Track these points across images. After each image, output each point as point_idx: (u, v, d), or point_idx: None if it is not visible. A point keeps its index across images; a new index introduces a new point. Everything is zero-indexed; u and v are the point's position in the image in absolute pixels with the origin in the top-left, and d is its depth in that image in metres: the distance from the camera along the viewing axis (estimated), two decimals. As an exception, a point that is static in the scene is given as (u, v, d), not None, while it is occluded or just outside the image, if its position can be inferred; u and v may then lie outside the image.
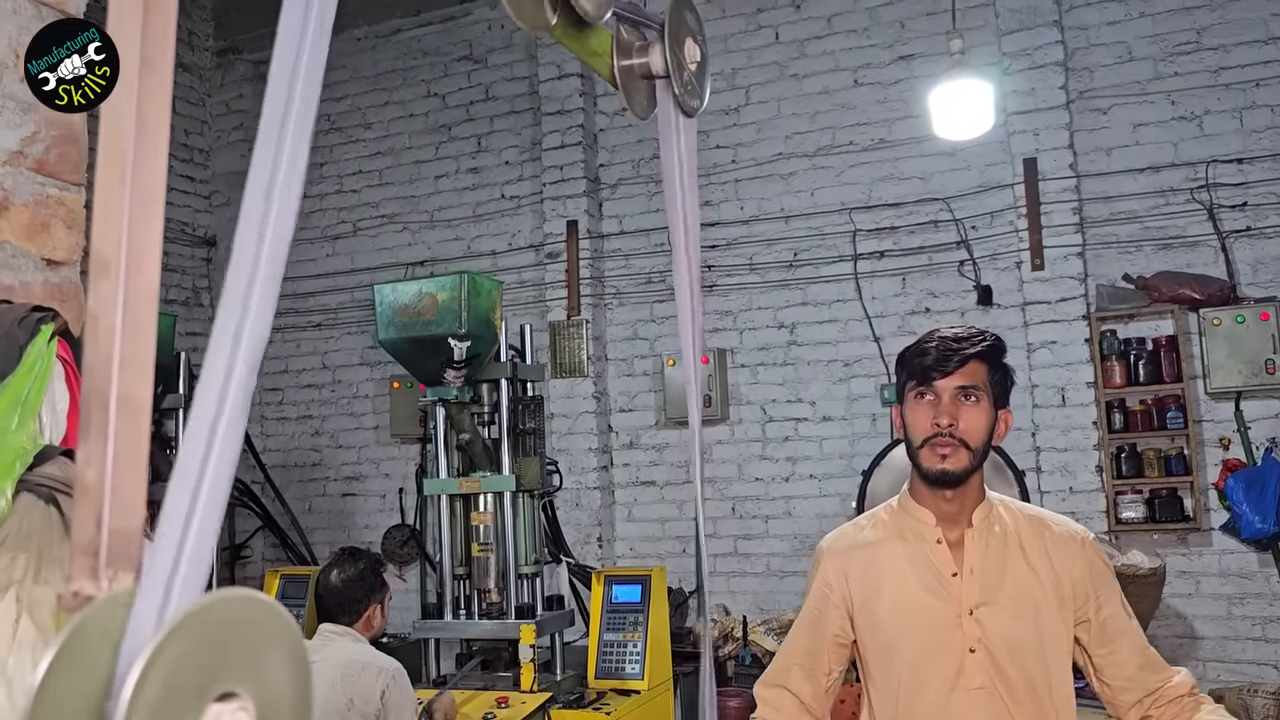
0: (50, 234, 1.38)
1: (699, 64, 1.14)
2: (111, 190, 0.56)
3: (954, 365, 1.89)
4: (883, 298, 5.62)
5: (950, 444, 1.88)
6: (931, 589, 1.94)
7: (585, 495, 5.99)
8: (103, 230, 0.56)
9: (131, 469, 0.55)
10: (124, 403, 0.55)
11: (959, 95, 4.54)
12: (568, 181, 6.23)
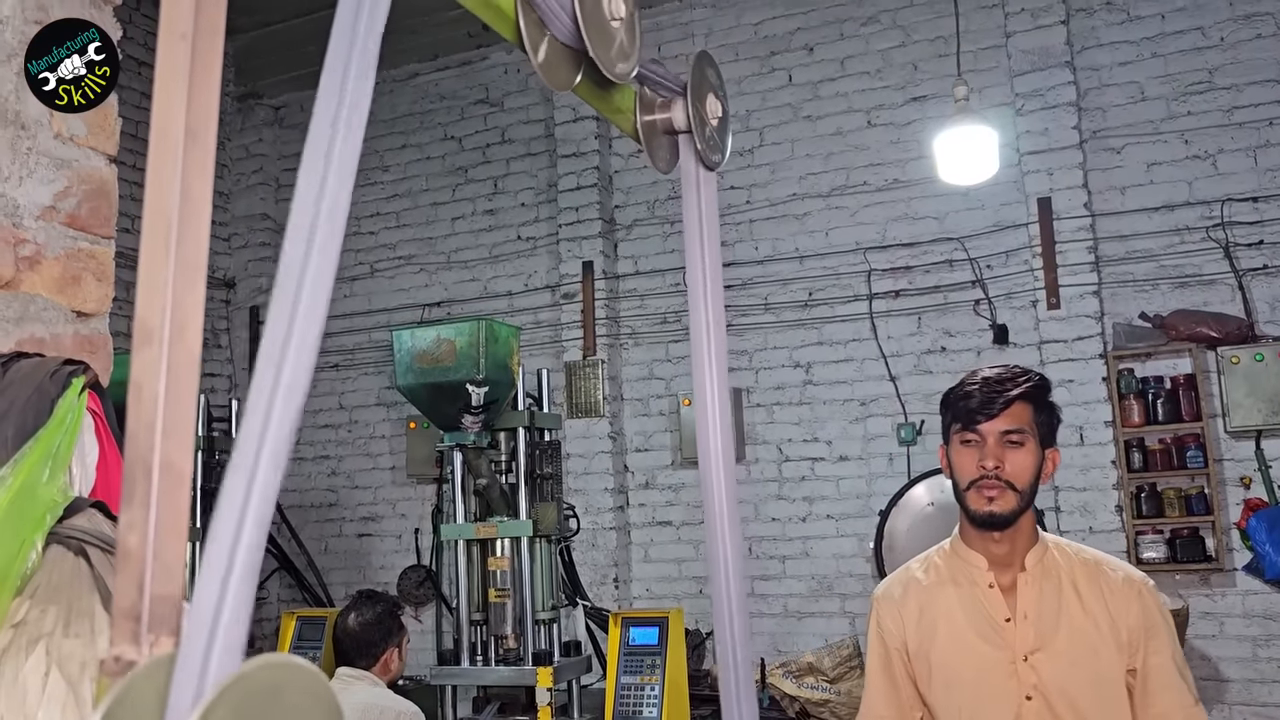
0: (81, 286, 1.40)
1: (720, 119, 1.16)
2: (156, 259, 0.57)
3: (998, 409, 1.88)
4: (898, 337, 5.61)
5: (997, 486, 1.87)
6: (985, 635, 1.92)
7: (601, 536, 5.97)
8: (147, 299, 0.57)
9: (173, 535, 0.56)
10: (166, 470, 0.55)
11: (964, 140, 4.57)
12: (583, 223, 6.28)
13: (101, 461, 1.22)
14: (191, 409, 0.57)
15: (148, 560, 0.54)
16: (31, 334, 1.32)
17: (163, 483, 0.55)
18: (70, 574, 1.09)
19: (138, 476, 0.55)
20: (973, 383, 1.94)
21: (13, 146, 1.32)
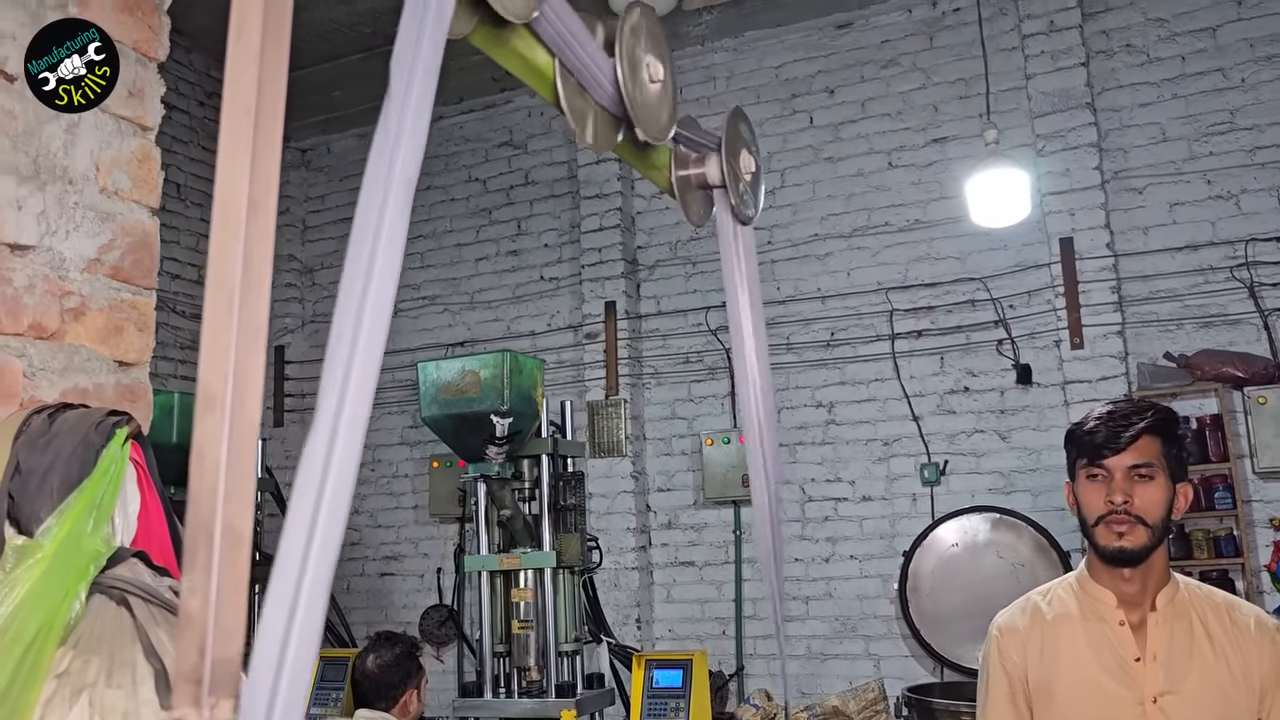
0: (123, 337, 1.43)
1: (753, 174, 1.18)
2: (219, 327, 0.59)
3: (1125, 442, 1.85)
4: (921, 377, 5.60)
5: (1126, 521, 1.84)
6: (1112, 673, 1.88)
7: (624, 575, 5.95)
8: (210, 365, 0.59)
9: (233, 598, 0.57)
10: (227, 534, 0.57)
11: (995, 183, 4.58)
12: (606, 263, 6.32)
13: (143, 511, 1.24)
14: (252, 473, 0.59)
15: (209, 624, 0.56)
16: (76, 384, 1.35)
17: (224, 547, 0.57)
18: (113, 624, 1.11)
19: (200, 541, 0.57)
20: (1097, 416, 1.91)
21: (60, 201, 1.35)
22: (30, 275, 1.30)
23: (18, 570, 1.09)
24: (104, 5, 1.44)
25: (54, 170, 1.34)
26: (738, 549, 5.87)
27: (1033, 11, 5.47)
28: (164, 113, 1.55)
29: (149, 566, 1.20)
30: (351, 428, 0.60)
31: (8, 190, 1.28)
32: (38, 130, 1.33)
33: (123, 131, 1.46)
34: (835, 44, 6.05)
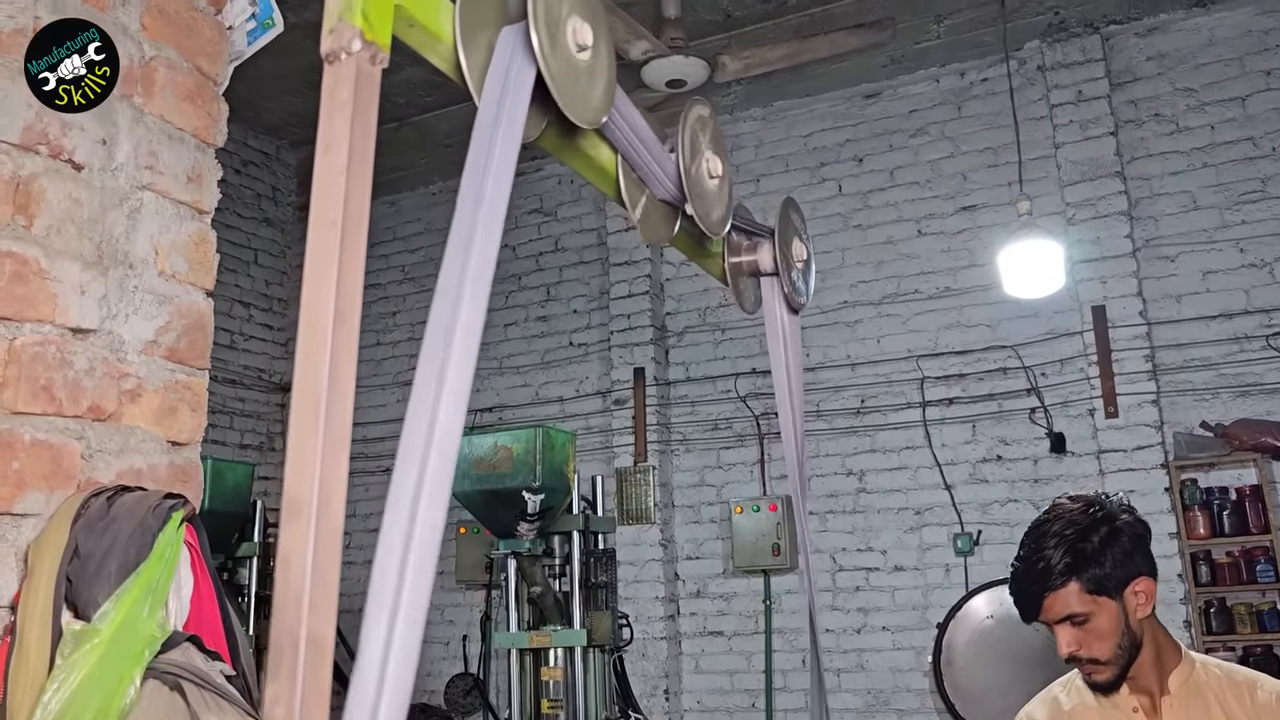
0: (176, 417, 1.45)
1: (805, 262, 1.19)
2: (305, 436, 0.60)
3: (1036, 613, 1.80)
4: (953, 445, 5.56)
5: (1087, 666, 1.81)
6: None
7: (652, 645, 5.88)
8: (296, 474, 0.60)
9: (317, 708, 0.57)
10: (311, 644, 0.57)
11: (1028, 254, 4.59)
12: (635, 329, 6.34)
13: (195, 594, 1.24)
14: (335, 582, 0.60)
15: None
16: (131, 465, 1.37)
17: (308, 656, 0.57)
18: (165, 710, 1.11)
19: (284, 649, 0.57)
20: (1011, 574, 1.85)
21: (121, 285, 1.38)
22: (90, 358, 1.33)
23: (75, 655, 1.09)
24: (166, 95, 1.49)
25: (116, 255, 1.38)
26: (768, 619, 5.79)
27: (1060, 82, 5.53)
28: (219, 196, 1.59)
29: (201, 650, 1.20)
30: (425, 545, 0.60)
31: (72, 276, 1.31)
32: (102, 217, 1.36)
33: (181, 216, 1.49)
34: (863, 113, 6.12)
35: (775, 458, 5.97)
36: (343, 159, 0.63)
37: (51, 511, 1.24)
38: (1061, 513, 1.87)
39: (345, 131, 0.63)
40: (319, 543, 0.58)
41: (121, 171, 1.40)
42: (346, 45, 0.64)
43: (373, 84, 0.65)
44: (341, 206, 0.63)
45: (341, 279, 0.62)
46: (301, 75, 5.86)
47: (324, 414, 0.60)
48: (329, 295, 0.62)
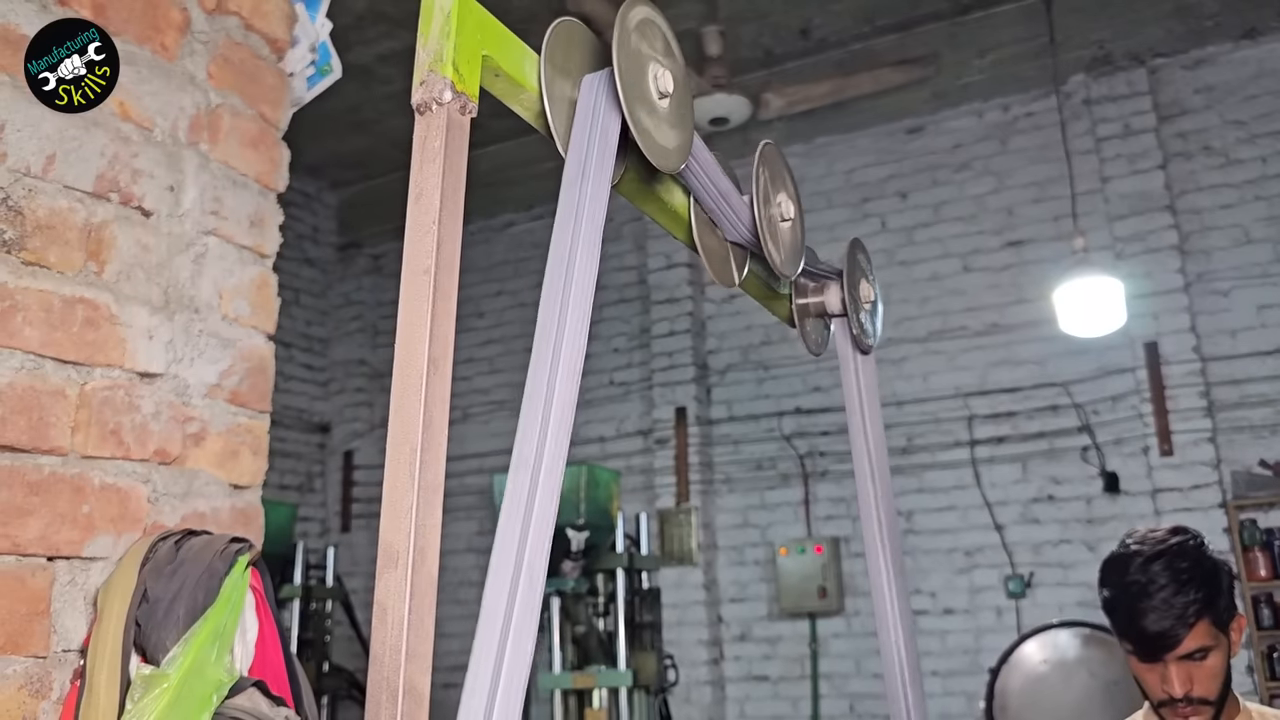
0: (238, 461, 1.45)
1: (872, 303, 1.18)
2: (400, 485, 0.60)
3: (1173, 644, 1.70)
4: (1003, 485, 5.47)
5: (1189, 707, 1.72)
6: None
7: (696, 690, 5.80)
8: (392, 523, 0.59)
9: (413, 762, 0.56)
10: (409, 694, 0.56)
11: (1085, 292, 4.52)
12: (676, 368, 6.33)
13: (260, 639, 1.24)
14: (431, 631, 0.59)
15: (390, 790, 0.55)
16: (195, 509, 1.37)
17: (406, 706, 0.56)
18: (233, 757, 1.10)
19: (382, 700, 0.56)
20: (1138, 610, 1.73)
21: (187, 330, 1.39)
22: (157, 402, 1.34)
23: (145, 700, 1.09)
24: (231, 141, 1.51)
25: (182, 300, 1.39)
26: (814, 664, 5.70)
27: (1107, 115, 5.49)
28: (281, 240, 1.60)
29: (266, 696, 1.20)
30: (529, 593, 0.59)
31: (141, 320, 1.32)
32: (169, 262, 1.38)
33: (244, 260, 1.51)
34: (906, 148, 6.11)
35: (820, 498, 5.90)
36: (435, 208, 0.63)
37: (119, 555, 1.25)
38: (1172, 544, 1.77)
39: (437, 180, 0.63)
40: (415, 592, 0.57)
41: (188, 217, 1.42)
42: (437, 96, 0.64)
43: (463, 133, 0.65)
44: (434, 255, 0.62)
45: (434, 326, 0.62)
46: (342, 117, 5.96)
47: (419, 462, 0.59)
48: (423, 343, 0.62)
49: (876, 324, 1.18)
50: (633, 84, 0.72)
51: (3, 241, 1.17)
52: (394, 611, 0.56)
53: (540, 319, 0.65)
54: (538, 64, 0.72)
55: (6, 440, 1.15)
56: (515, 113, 0.74)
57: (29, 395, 1.18)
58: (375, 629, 0.56)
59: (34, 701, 1.15)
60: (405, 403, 0.60)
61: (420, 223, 0.63)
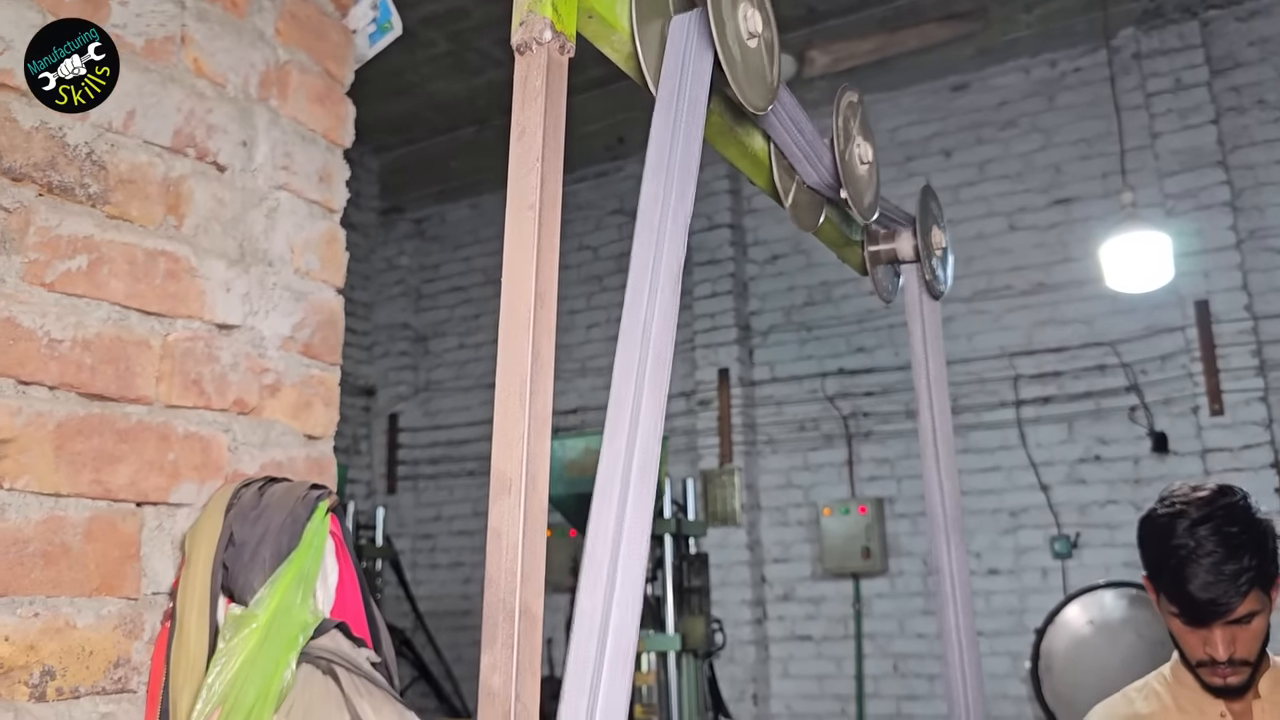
0: (311, 412, 1.48)
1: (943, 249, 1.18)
2: (511, 415, 0.61)
3: (1224, 612, 1.69)
4: (1048, 445, 5.43)
5: (1230, 668, 1.72)
6: None
7: (739, 650, 5.85)
8: (504, 451, 0.61)
9: (530, 675, 0.58)
10: (524, 615, 0.58)
11: (1132, 248, 4.46)
12: (719, 329, 6.33)
13: (340, 583, 1.27)
14: (543, 556, 0.61)
15: (511, 700, 0.57)
16: (273, 458, 1.41)
17: (522, 626, 0.58)
18: (320, 693, 1.13)
19: (499, 620, 0.58)
20: (1189, 558, 1.70)
21: (261, 282, 1.42)
22: (235, 353, 1.37)
23: (235, 640, 1.13)
24: (299, 98, 1.53)
25: (256, 253, 1.42)
26: (858, 624, 5.72)
27: (1158, 70, 5.37)
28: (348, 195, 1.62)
29: (348, 637, 1.23)
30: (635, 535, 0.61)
31: (218, 273, 1.35)
32: (243, 216, 1.41)
33: (314, 215, 1.53)
34: (951, 106, 6.03)
35: (863, 459, 5.90)
36: (537, 145, 0.64)
37: (203, 502, 1.29)
38: (1220, 506, 1.74)
39: (539, 118, 0.64)
40: (528, 517, 0.59)
41: (260, 172, 1.44)
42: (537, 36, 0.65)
43: (562, 72, 0.66)
44: (538, 191, 0.64)
45: (540, 262, 0.63)
46: (385, 80, 5.96)
47: (529, 394, 0.61)
48: (529, 279, 0.63)
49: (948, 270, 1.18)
50: (724, 23, 0.73)
51: (88, 196, 1.20)
52: (508, 536, 0.58)
53: (633, 268, 0.66)
54: (629, 5, 0.73)
55: (97, 389, 1.19)
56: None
57: (116, 346, 1.22)
58: (490, 554, 0.58)
59: (128, 641, 1.19)
60: (514, 337, 0.62)
61: (524, 161, 0.64)
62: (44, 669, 1.10)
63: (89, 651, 1.15)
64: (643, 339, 0.59)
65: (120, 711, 1.17)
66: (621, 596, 0.54)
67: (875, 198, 0.96)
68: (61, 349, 1.15)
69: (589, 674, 0.52)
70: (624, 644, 0.53)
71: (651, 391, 0.58)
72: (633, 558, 0.54)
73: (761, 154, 0.90)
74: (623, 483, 0.55)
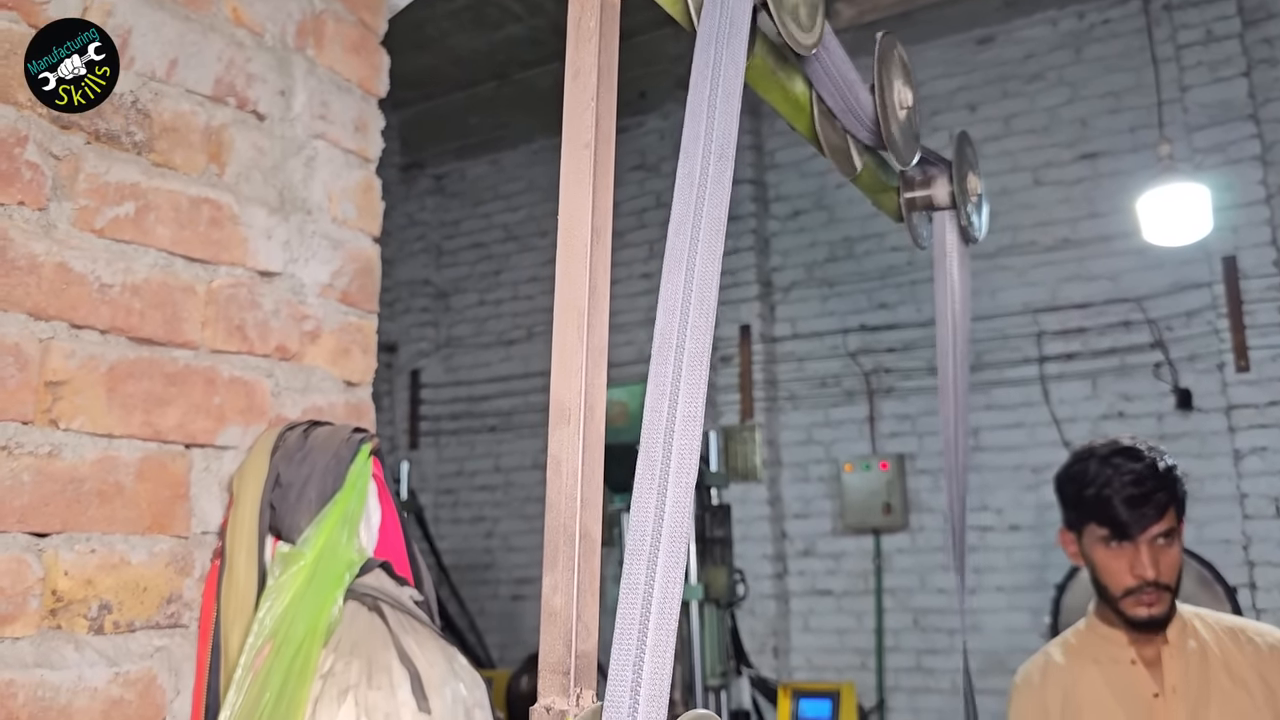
0: (350, 358, 1.51)
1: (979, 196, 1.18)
2: (569, 347, 0.63)
3: (1151, 518, 1.79)
4: (1072, 401, 5.43)
5: (1154, 592, 1.80)
6: (1134, 713, 1.85)
7: (760, 604, 5.91)
8: (562, 381, 0.63)
9: (590, 597, 0.61)
10: (584, 539, 0.61)
11: (1170, 200, 4.42)
12: (740, 285, 6.32)
13: (382, 524, 1.30)
14: (600, 483, 0.63)
15: (573, 620, 0.59)
16: (314, 403, 1.43)
17: (582, 549, 0.60)
18: (366, 629, 1.17)
19: (559, 544, 0.60)
20: (1113, 486, 1.82)
21: (300, 230, 1.44)
22: (276, 300, 1.39)
23: (284, 576, 1.16)
24: (335, 47, 1.54)
25: (295, 201, 1.44)
26: (878, 579, 5.77)
27: (1188, 21, 5.29)
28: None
29: (391, 576, 1.27)
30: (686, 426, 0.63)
31: (259, 221, 1.37)
32: (282, 165, 1.43)
33: (350, 164, 1.55)
34: (976, 59, 5.96)
35: (884, 415, 5.91)
36: (592, 85, 0.65)
37: (247, 445, 1.32)
38: (1123, 443, 1.90)
39: (593, 59, 0.65)
40: (587, 446, 0.61)
41: (298, 121, 1.46)
42: (591, -26, 0.66)
43: (614, 12, 0.67)
44: (593, 130, 0.65)
45: (596, 198, 0.65)
46: (404, 35, 5.94)
47: (586, 326, 0.63)
48: (585, 214, 0.65)
49: (983, 217, 1.18)
50: (772, -37, 0.73)
51: (133, 143, 1.22)
52: (568, 463, 0.60)
53: (673, 218, 0.67)
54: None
55: (145, 334, 1.21)
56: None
57: (163, 291, 1.24)
58: (550, 480, 0.60)
59: (179, 578, 1.23)
60: (571, 270, 0.63)
61: (579, 100, 0.65)
62: (101, 603, 1.14)
63: (143, 587, 1.19)
64: (685, 290, 0.60)
65: (173, 645, 1.21)
66: (666, 562, 0.56)
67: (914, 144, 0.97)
68: (112, 293, 1.18)
69: (635, 630, 0.54)
70: (671, 593, 0.55)
71: (691, 356, 0.59)
72: (678, 528, 0.56)
73: (803, 99, 0.91)
74: (665, 439, 0.57)
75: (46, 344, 1.11)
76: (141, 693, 1.17)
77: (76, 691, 1.10)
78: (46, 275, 1.11)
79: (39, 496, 1.09)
